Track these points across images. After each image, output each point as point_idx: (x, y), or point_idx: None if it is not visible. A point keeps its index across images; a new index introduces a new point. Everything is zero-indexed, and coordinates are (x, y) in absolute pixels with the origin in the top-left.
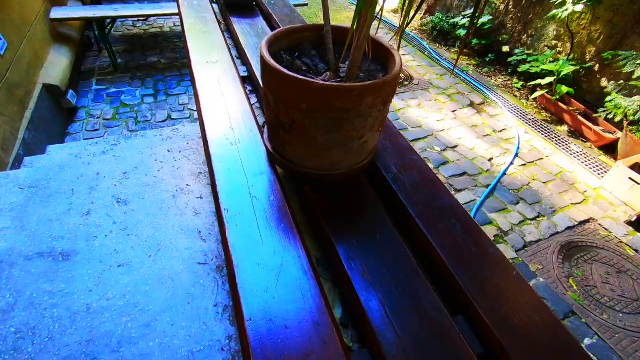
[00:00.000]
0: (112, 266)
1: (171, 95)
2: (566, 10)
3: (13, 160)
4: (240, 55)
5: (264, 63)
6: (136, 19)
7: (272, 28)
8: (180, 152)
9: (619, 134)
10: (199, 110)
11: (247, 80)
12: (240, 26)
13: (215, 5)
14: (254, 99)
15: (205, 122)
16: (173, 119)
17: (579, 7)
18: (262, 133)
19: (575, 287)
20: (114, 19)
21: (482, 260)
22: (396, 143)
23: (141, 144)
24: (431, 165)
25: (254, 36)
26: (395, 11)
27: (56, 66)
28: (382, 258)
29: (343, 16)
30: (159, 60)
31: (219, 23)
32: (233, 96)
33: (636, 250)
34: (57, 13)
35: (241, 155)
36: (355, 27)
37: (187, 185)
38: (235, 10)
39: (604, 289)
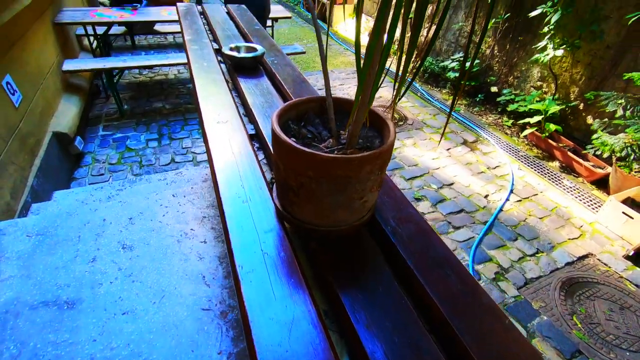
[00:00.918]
0: (116, 314)
1: (175, 139)
2: (547, 54)
3: (21, 208)
4: (248, 114)
5: (275, 136)
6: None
7: (276, 87)
8: (184, 196)
9: (609, 169)
10: (212, 169)
11: (255, 137)
12: (246, 85)
13: (223, 65)
14: (261, 155)
15: (218, 181)
16: (176, 162)
17: (560, 52)
18: (270, 190)
19: (579, 325)
20: (122, 69)
21: (476, 309)
22: (393, 197)
23: (146, 189)
24: (429, 203)
25: (260, 95)
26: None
27: (66, 114)
28: (385, 310)
29: (338, 61)
30: (163, 106)
31: (227, 82)
32: (243, 154)
33: (637, 285)
34: (69, 65)
35: (252, 213)
36: (355, 106)
37: (192, 229)
38: (242, 70)
39: (609, 326)
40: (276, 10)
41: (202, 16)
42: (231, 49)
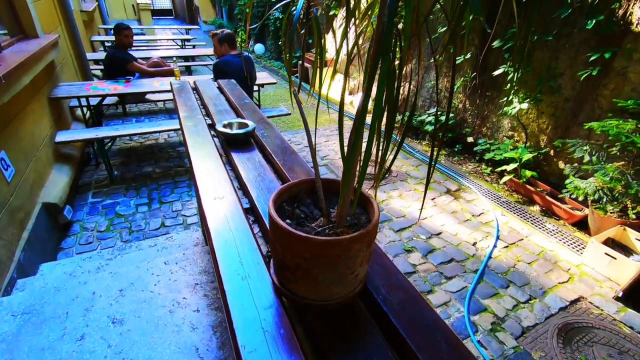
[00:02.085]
0: None
1: (165, 202)
2: (514, 107)
3: (6, 285)
4: (242, 187)
5: (272, 221)
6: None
7: (267, 159)
8: (176, 263)
9: (587, 211)
10: (211, 247)
11: (250, 211)
12: (239, 159)
13: (216, 139)
14: (256, 228)
15: (218, 258)
16: (166, 226)
17: (525, 105)
18: (266, 264)
19: None
20: (114, 138)
21: None
22: (382, 264)
23: (137, 257)
24: (419, 254)
25: (252, 169)
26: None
27: (56, 184)
28: None
29: (322, 119)
30: (153, 170)
31: (221, 156)
32: (240, 230)
33: (631, 327)
34: (62, 137)
35: (252, 290)
36: (342, 195)
37: (184, 298)
38: (234, 145)
39: None
40: (262, 77)
41: (194, 91)
42: (224, 126)
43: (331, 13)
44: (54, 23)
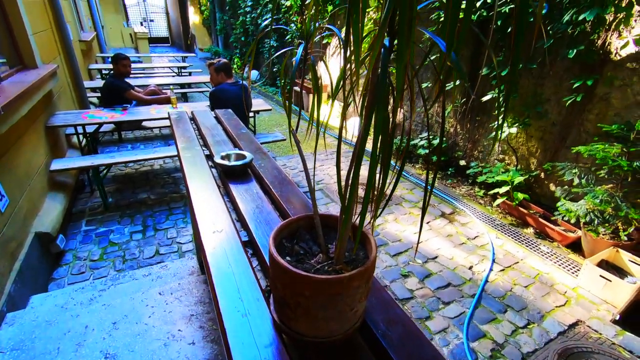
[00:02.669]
0: None
1: (159, 229)
2: (504, 132)
3: None
4: (240, 219)
5: (272, 259)
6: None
7: (264, 189)
8: (171, 293)
9: (580, 232)
10: (210, 283)
11: (248, 244)
12: (237, 191)
13: (214, 170)
14: (255, 262)
15: (217, 295)
16: (161, 254)
17: (514, 130)
18: (266, 299)
19: None
20: (109, 165)
21: None
22: (380, 298)
23: (131, 288)
24: (416, 279)
25: (250, 201)
26: None
27: (50, 213)
28: None
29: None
30: (148, 197)
31: (219, 187)
32: (239, 264)
33: (631, 352)
34: (57, 165)
35: (252, 327)
36: (341, 234)
37: (179, 330)
38: (232, 176)
39: None
40: (257, 103)
41: (192, 121)
42: (222, 158)
43: (324, 42)
44: (53, 53)
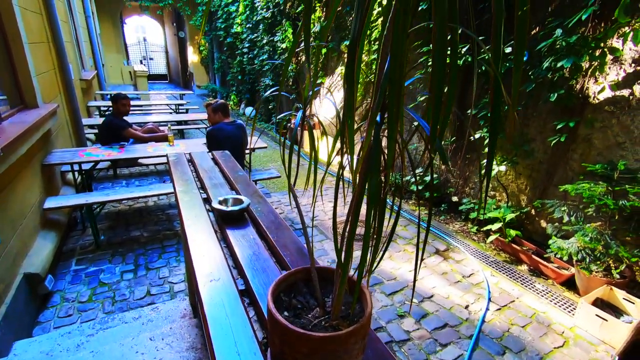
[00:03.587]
0: None
1: (151, 269)
2: (493, 169)
3: None
4: (237, 266)
5: (271, 316)
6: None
7: (260, 235)
8: (162, 339)
9: (573, 269)
10: (207, 335)
11: (245, 293)
12: (234, 237)
13: (211, 214)
14: (251, 312)
15: (215, 350)
16: (152, 295)
17: (503, 167)
18: (263, 353)
19: None
20: (104, 203)
21: None
22: (375, 349)
23: (120, 333)
24: (413, 320)
25: (247, 247)
26: None
27: (40, 253)
28: None
29: (312, 179)
30: (141, 234)
31: (216, 232)
32: (236, 316)
33: None
34: (51, 203)
35: None
36: (338, 285)
37: None
38: (229, 221)
39: None
40: (252, 141)
41: (190, 163)
42: (220, 203)
43: (318, 81)
44: (54, 92)
